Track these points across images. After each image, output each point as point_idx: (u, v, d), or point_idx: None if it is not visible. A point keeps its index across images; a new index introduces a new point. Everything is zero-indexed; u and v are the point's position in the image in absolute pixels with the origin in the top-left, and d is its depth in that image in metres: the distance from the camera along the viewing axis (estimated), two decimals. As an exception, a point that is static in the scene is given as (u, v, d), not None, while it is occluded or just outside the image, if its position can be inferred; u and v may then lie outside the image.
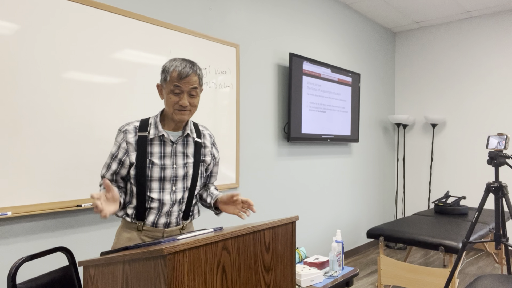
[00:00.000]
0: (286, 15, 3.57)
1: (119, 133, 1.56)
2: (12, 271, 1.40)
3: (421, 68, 5.13)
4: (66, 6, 2.02)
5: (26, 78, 1.88)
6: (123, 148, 1.53)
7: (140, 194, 1.53)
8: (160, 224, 1.56)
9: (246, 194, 3.17)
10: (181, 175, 1.57)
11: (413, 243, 2.94)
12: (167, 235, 1.57)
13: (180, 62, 1.49)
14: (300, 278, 2.01)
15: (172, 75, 1.48)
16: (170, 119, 1.56)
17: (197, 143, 1.63)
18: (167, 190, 1.55)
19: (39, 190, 1.92)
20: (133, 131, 1.54)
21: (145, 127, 1.55)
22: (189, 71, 1.48)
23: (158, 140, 1.54)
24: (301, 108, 3.57)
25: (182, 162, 1.58)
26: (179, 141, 1.58)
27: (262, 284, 1.29)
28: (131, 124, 1.56)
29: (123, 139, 1.54)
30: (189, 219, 1.66)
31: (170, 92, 1.49)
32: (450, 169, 4.87)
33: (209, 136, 1.71)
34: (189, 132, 1.60)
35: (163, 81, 1.52)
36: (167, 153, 1.55)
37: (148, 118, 1.59)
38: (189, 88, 1.49)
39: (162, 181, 1.54)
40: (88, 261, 1.22)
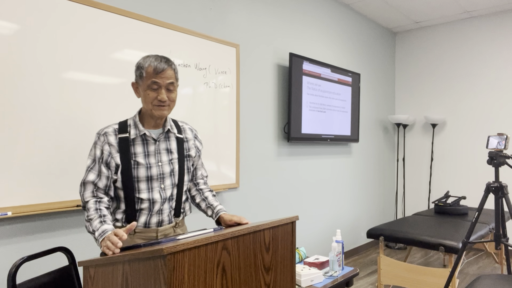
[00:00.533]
0: (286, 15, 3.57)
1: (98, 137, 1.51)
2: (12, 271, 1.40)
3: (421, 68, 5.13)
4: (66, 6, 2.02)
5: (26, 78, 1.88)
6: (106, 151, 1.49)
7: (128, 197, 1.50)
8: (152, 224, 1.54)
9: (246, 194, 3.17)
10: (167, 171, 1.56)
11: (413, 243, 2.94)
12: (161, 234, 1.56)
13: (154, 58, 1.48)
14: (300, 278, 2.01)
15: (148, 71, 1.46)
16: (149, 117, 1.54)
17: (178, 138, 1.62)
18: (156, 189, 1.53)
19: (39, 190, 1.92)
20: (113, 133, 1.51)
21: (125, 128, 1.53)
22: (164, 66, 1.47)
23: (140, 140, 1.53)
24: (301, 108, 3.57)
25: (167, 158, 1.56)
26: (161, 138, 1.57)
27: (262, 284, 1.29)
28: (109, 127, 1.53)
29: (104, 141, 1.49)
30: (181, 216, 1.64)
31: (147, 88, 1.48)
32: (450, 169, 4.87)
33: (190, 130, 1.70)
34: (170, 128, 1.59)
35: (139, 78, 1.50)
36: (150, 152, 1.54)
37: (126, 119, 1.57)
38: (166, 83, 1.48)
39: (149, 180, 1.52)
40: (88, 261, 1.22)
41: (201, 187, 1.74)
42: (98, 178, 1.48)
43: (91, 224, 1.40)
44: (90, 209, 1.43)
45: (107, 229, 1.36)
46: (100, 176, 1.48)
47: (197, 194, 1.72)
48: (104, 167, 1.48)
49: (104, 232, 1.35)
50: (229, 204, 3.02)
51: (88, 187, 1.47)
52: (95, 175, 1.48)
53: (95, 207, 1.44)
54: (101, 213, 1.42)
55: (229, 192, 3.02)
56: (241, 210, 3.12)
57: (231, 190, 3.04)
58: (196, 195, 1.73)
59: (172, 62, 1.52)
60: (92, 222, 1.40)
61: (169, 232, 1.59)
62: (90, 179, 1.47)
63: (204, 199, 1.70)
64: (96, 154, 1.49)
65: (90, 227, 1.40)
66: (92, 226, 1.39)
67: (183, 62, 2.60)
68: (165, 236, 1.58)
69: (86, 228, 1.45)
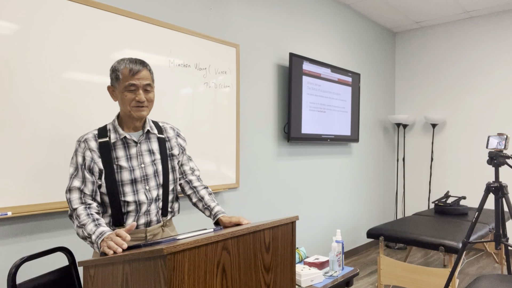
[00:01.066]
0: (286, 15, 3.57)
1: (79, 144, 1.50)
2: (12, 271, 1.40)
3: (421, 68, 5.13)
4: (66, 7, 2.02)
5: (26, 78, 1.88)
6: (88, 157, 1.47)
7: (113, 201, 1.49)
8: (140, 225, 1.54)
9: (246, 194, 3.17)
10: (151, 173, 1.55)
11: (413, 243, 2.94)
12: (150, 234, 1.56)
13: (129, 60, 1.49)
14: (300, 278, 2.01)
15: (124, 73, 1.47)
16: (128, 120, 1.54)
17: (160, 138, 1.62)
18: (141, 191, 1.52)
19: (39, 190, 1.92)
20: (93, 138, 1.50)
21: (104, 133, 1.52)
22: (140, 67, 1.48)
23: (121, 143, 1.52)
24: (301, 108, 3.57)
25: (149, 159, 1.56)
26: (142, 139, 1.56)
27: (262, 284, 1.29)
28: (89, 133, 1.52)
29: (85, 147, 1.48)
30: (168, 216, 1.64)
31: (124, 90, 1.48)
32: (450, 169, 4.87)
33: (171, 129, 1.69)
34: (149, 129, 1.58)
35: (115, 80, 1.50)
36: (132, 154, 1.53)
37: (105, 125, 1.56)
38: (143, 84, 1.49)
39: (133, 183, 1.51)
40: (88, 261, 1.22)
41: (195, 185, 1.70)
42: (83, 184, 1.45)
43: (85, 229, 1.36)
44: (80, 216, 1.40)
45: (105, 230, 1.34)
46: (85, 182, 1.46)
47: (192, 193, 1.69)
48: (88, 173, 1.46)
49: (102, 234, 1.32)
50: (229, 204, 3.02)
51: (74, 193, 1.44)
52: (80, 181, 1.45)
53: (86, 213, 1.41)
54: (94, 217, 1.40)
55: (229, 192, 3.02)
56: (241, 210, 3.12)
57: (231, 190, 3.04)
58: (191, 195, 1.69)
59: (147, 64, 1.53)
60: (86, 226, 1.37)
61: (158, 231, 1.59)
62: (76, 185, 1.45)
63: (200, 199, 1.67)
64: (78, 161, 1.47)
65: (84, 232, 1.36)
66: (86, 231, 1.36)
67: (183, 62, 2.60)
68: (154, 236, 1.58)
69: (78, 235, 1.39)
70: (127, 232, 1.31)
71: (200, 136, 2.71)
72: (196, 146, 2.67)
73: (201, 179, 1.74)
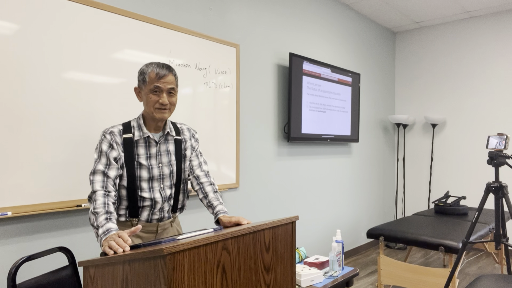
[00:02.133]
0: (286, 15, 3.57)
1: (104, 135, 1.56)
2: (12, 271, 1.40)
3: (421, 68, 5.13)
4: (66, 7, 2.02)
5: (27, 78, 1.88)
6: (115, 147, 1.54)
7: (131, 195, 1.57)
8: (154, 220, 1.64)
9: (246, 194, 3.17)
10: (167, 173, 1.64)
11: (413, 243, 2.94)
12: (161, 228, 1.67)
13: (157, 64, 1.57)
14: (300, 278, 2.01)
15: (151, 76, 1.55)
16: (150, 121, 1.62)
17: (176, 140, 1.70)
18: (156, 189, 1.62)
19: (39, 190, 1.92)
20: (118, 133, 1.58)
21: (129, 130, 1.60)
22: (166, 72, 1.57)
23: (143, 142, 1.61)
24: (301, 108, 3.57)
25: (167, 160, 1.65)
26: (162, 140, 1.65)
27: (262, 284, 1.29)
28: (114, 127, 1.59)
29: (112, 139, 1.55)
30: (177, 213, 1.75)
31: (149, 92, 1.56)
32: (450, 169, 4.87)
33: (188, 130, 1.77)
34: (169, 131, 1.67)
35: (142, 83, 1.58)
36: (152, 154, 1.62)
37: (129, 121, 1.64)
38: (168, 88, 1.57)
39: (150, 180, 1.60)
40: (88, 261, 1.22)
41: (202, 181, 1.72)
42: (107, 168, 1.51)
43: (96, 218, 1.39)
44: (97, 201, 1.43)
45: (112, 228, 1.35)
46: (109, 167, 1.51)
47: (199, 189, 1.71)
48: (113, 159, 1.53)
49: (108, 231, 1.34)
50: (229, 204, 3.02)
51: (98, 176, 1.49)
52: (104, 165, 1.51)
53: (103, 201, 1.43)
54: (108, 209, 1.42)
55: (229, 192, 3.02)
56: (241, 210, 3.12)
57: (231, 190, 3.04)
58: (198, 191, 1.72)
59: (173, 69, 1.61)
60: (98, 216, 1.39)
61: (167, 226, 1.70)
62: (100, 169, 1.50)
63: (205, 196, 1.69)
64: (103, 149, 1.53)
65: (95, 221, 1.39)
66: (97, 221, 1.39)
67: (183, 62, 2.60)
68: (164, 230, 1.69)
69: (89, 220, 1.44)
70: (131, 234, 1.32)
71: (200, 136, 2.71)
72: (196, 146, 2.67)
73: (209, 175, 1.76)
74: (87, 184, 2.09)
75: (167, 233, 1.71)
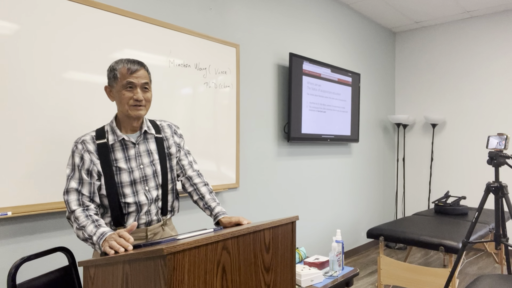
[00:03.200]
0: (286, 15, 3.57)
1: (76, 145, 1.48)
2: (12, 271, 1.40)
3: (421, 68, 5.13)
4: (66, 6, 2.02)
5: (26, 78, 1.88)
6: (87, 159, 1.46)
7: (113, 203, 1.49)
8: (141, 224, 1.54)
9: (246, 194, 3.17)
10: (150, 173, 1.55)
11: (413, 243, 2.94)
12: (150, 233, 1.57)
13: (127, 60, 1.50)
14: (300, 278, 2.01)
15: (122, 72, 1.47)
16: (126, 120, 1.53)
17: (157, 138, 1.61)
18: (141, 191, 1.52)
19: (39, 190, 1.92)
20: (91, 140, 1.49)
21: (102, 135, 1.51)
22: (138, 66, 1.49)
23: (119, 145, 1.52)
24: (301, 108, 3.57)
25: (148, 160, 1.56)
26: (140, 140, 1.56)
27: (262, 284, 1.29)
28: (87, 135, 1.51)
29: (83, 149, 1.47)
30: (168, 215, 1.65)
31: (122, 89, 1.47)
32: (450, 169, 4.87)
33: (169, 127, 1.67)
34: (147, 129, 1.57)
35: (113, 79, 1.49)
36: (131, 156, 1.53)
37: (103, 126, 1.55)
38: (141, 83, 1.49)
39: (133, 184, 1.51)
40: (88, 261, 1.22)
41: (195, 182, 1.67)
42: (80, 185, 1.44)
43: (85, 231, 1.35)
44: (79, 218, 1.38)
45: (105, 231, 1.32)
46: (82, 184, 1.44)
47: (193, 191, 1.67)
48: (85, 174, 1.45)
49: (103, 235, 1.31)
50: (229, 204, 3.02)
51: (72, 195, 1.43)
52: (77, 183, 1.44)
53: (85, 215, 1.39)
54: (93, 218, 1.38)
55: (229, 192, 3.02)
56: (241, 210, 3.12)
57: (231, 190, 3.04)
58: (192, 192, 1.67)
59: (145, 64, 1.54)
60: (86, 228, 1.35)
61: (158, 230, 1.60)
62: (73, 187, 1.43)
63: (201, 198, 1.65)
64: (75, 162, 1.46)
65: (84, 234, 1.35)
66: (87, 232, 1.34)
67: (183, 62, 2.60)
68: (155, 235, 1.59)
69: (79, 237, 1.39)
70: (128, 232, 1.30)
71: (200, 136, 2.71)
72: (196, 146, 2.67)
73: (201, 175, 1.71)
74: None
75: (158, 238, 1.61)
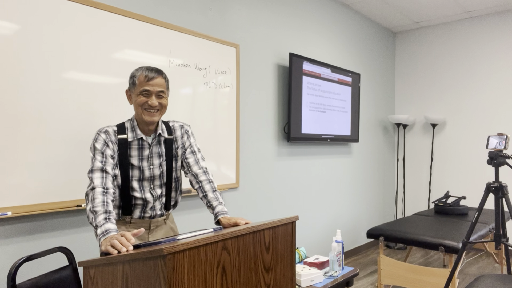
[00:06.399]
0: (286, 15, 3.57)
1: (99, 134, 1.57)
2: (12, 271, 1.40)
3: (421, 68, 5.13)
4: (66, 7, 2.02)
5: (26, 78, 1.88)
6: (110, 146, 1.56)
7: (124, 194, 1.61)
8: (146, 217, 1.67)
9: (246, 194, 3.17)
10: (157, 174, 1.66)
11: (413, 243, 2.94)
12: (153, 225, 1.70)
13: (146, 68, 1.59)
14: (300, 278, 2.01)
15: (140, 79, 1.57)
16: (142, 123, 1.62)
17: (167, 140, 1.70)
18: (146, 189, 1.64)
19: (39, 190, 1.92)
20: (113, 133, 1.59)
21: (123, 131, 1.62)
22: (155, 74, 1.58)
23: (136, 144, 1.62)
24: (301, 108, 3.57)
25: (158, 162, 1.66)
26: (154, 142, 1.66)
27: (262, 284, 1.29)
28: (109, 127, 1.61)
29: (107, 138, 1.57)
30: (171, 210, 1.77)
31: (139, 94, 1.57)
32: (450, 169, 4.87)
33: (180, 128, 1.75)
34: (161, 132, 1.67)
35: (132, 85, 1.60)
36: (144, 156, 1.63)
37: (123, 122, 1.66)
38: (157, 90, 1.59)
39: (141, 180, 1.63)
40: (88, 261, 1.22)
41: (200, 179, 1.71)
42: (105, 164, 1.52)
43: (95, 217, 1.38)
44: (96, 199, 1.42)
45: (111, 229, 1.34)
46: (106, 162, 1.52)
47: (198, 188, 1.70)
48: (109, 156, 1.54)
49: (107, 232, 1.33)
50: (229, 204, 3.02)
51: (96, 173, 1.49)
52: (101, 162, 1.52)
53: (102, 199, 1.43)
54: (107, 208, 1.41)
55: (229, 192, 3.02)
56: (241, 210, 3.12)
57: (231, 190, 3.04)
58: (198, 190, 1.71)
59: (163, 72, 1.63)
60: (97, 215, 1.38)
61: (161, 223, 1.73)
62: (98, 166, 1.50)
63: (205, 196, 1.69)
64: (97, 147, 1.54)
65: (94, 220, 1.38)
66: (96, 220, 1.38)
67: (183, 62, 2.60)
68: (157, 227, 1.72)
69: (88, 218, 1.44)
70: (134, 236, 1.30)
71: (200, 136, 2.71)
72: (196, 146, 2.67)
73: (208, 172, 1.74)
74: (86, 184, 2.09)
75: (160, 230, 1.72)
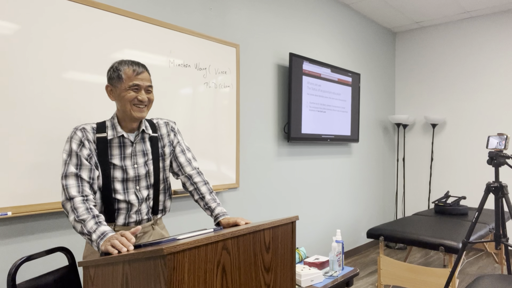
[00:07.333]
0: (286, 15, 3.57)
1: (75, 132, 1.46)
2: (12, 271, 1.40)
3: (421, 68, 5.13)
4: (67, 6, 2.02)
5: (26, 78, 1.88)
6: (86, 146, 1.45)
7: (106, 197, 1.49)
8: (131, 223, 1.54)
9: (246, 194, 3.17)
10: (143, 173, 1.55)
11: (413, 243, 2.94)
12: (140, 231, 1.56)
13: (130, 61, 1.50)
14: (300, 278, 2.01)
15: (127, 73, 1.47)
16: (126, 120, 1.52)
17: (152, 138, 1.60)
18: (131, 190, 1.53)
19: (39, 190, 1.92)
20: (91, 130, 1.49)
21: (103, 129, 1.51)
22: (142, 69, 1.51)
23: (117, 142, 1.52)
24: (301, 108, 3.57)
25: (142, 160, 1.56)
26: (137, 140, 1.56)
27: (262, 284, 1.29)
28: (87, 124, 1.50)
29: (83, 137, 1.45)
30: (159, 215, 1.65)
31: (127, 89, 1.47)
32: (450, 169, 4.87)
33: (165, 125, 1.66)
34: (144, 129, 1.57)
35: (116, 80, 1.48)
36: (127, 154, 1.53)
37: (104, 121, 1.55)
38: (146, 85, 1.50)
39: (124, 182, 1.52)
40: (88, 261, 1.22)
41: (195, 181, 1.65)
42: (79, 170, 1.41)
43: (85, 226, 1.31)
44: (78, 209, 1.34)
45: (106, 231, 1.30)
46: (81, 168, 1.41)
47: (193, 190, 1.65)
48: (85, 159, 1.43)
49: (104, 234, 1.28)
50: (229, 204, 3.02)
51: (71, 180, 1.39)
52: (75, 167, 1.40)
53: (85, 207, 1.35)
54: (94, 213, 1.35)
55: (229, 192, 3.02)
56: (241, 210, 3.12)
57: (231, 190, 3.04)
58: (193, 191, 1.65)
59: (147, 67, 1.56)
60: (86, 223, 1.32)
61: (149, 229, 1.60)
62: (72, 171, 1.39)
63: (201, 198, 1.63)
64: (73, 148, 1.43)
65: (84, 229, 1.31)
66: (86, 228, 1.31)
67: (183, 62, 2.60)
68: (144, 234, 1.59)
69: (75, 228, 1.34)
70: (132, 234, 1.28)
71: (200, 136, 2.71)
72: (196, 146, 2.67)
73: (201, 173, 1.69)
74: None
75: (148, 237, 1.60)
